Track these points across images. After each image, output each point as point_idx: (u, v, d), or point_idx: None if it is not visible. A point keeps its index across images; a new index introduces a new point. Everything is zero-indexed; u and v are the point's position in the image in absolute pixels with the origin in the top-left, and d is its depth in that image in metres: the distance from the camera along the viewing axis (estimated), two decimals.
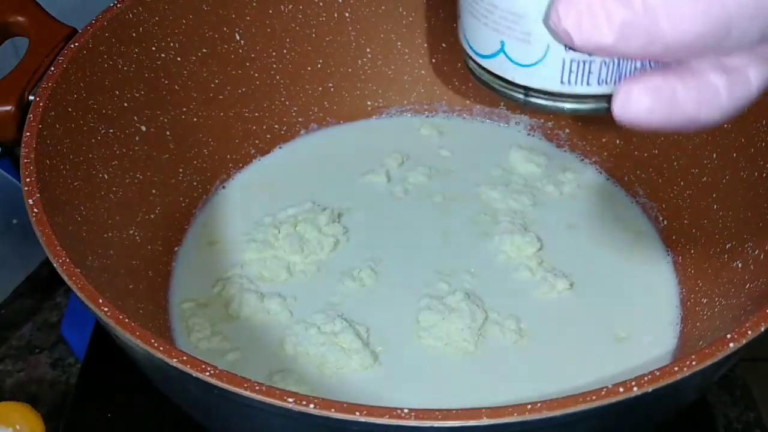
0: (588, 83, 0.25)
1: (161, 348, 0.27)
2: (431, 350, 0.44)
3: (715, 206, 0.45)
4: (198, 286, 0.48)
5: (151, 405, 0.45)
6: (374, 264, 0.48)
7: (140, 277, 0.45)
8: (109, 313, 0.29)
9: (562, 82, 0.25)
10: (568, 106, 0.25)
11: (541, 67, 0.25)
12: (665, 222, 0.49)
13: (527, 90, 0.25)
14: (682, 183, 0.48)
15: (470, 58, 0.27)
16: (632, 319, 0.45)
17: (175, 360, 0.27)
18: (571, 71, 0.24)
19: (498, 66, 0.25)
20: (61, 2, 0.49)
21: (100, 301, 0.29)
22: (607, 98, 0.25)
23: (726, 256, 0.43)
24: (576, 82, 0.25)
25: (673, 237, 0.49)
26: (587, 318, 0.45)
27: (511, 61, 0.25)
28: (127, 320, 0.28)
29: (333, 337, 0.44)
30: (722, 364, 0.28)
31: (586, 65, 0.24)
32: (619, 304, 0.46)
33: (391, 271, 0.48)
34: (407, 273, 0.48)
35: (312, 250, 0.49)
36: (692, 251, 0.47)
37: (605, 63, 0.24)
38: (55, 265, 0.31)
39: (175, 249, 0.49)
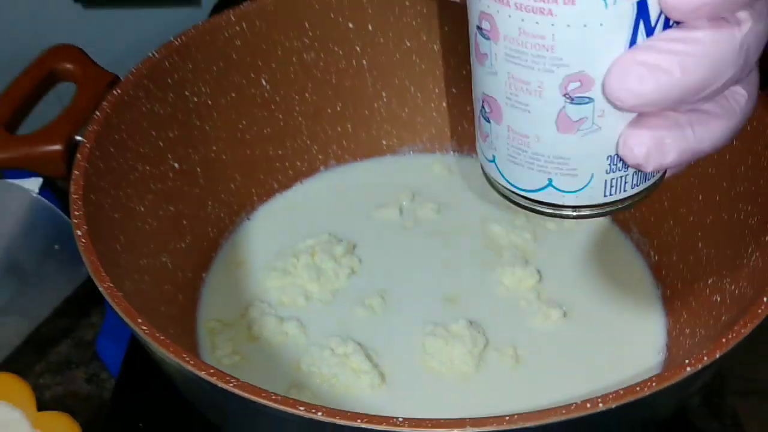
0: (624, 190, 0.30)
1: (191, 362, 0.31)
2: (435, 373, 0.47)
3: (699, 244, 0.48)
4: (223, 309, 0.51)
5: (180, 415, 0.48)
6: (384, 292, 0.51)
7: (171, 300, 0.48)
8: (147, 332, 0.33)
9: (605, 195, 0.30)
10: (610, 209, 0.30)
11: (587, 190, 0.29)
12: (656, 257, 0.52)
13: (575, 208, 0.30)
14: (671, 222, 0.51)
15: (511, 192, 0.31)
16: (621, 346, 0.48)
17: (203, 372, 0.31)
18: (612, 186, 0.30)
19: (546, 196, 0.30)
20: (105, 52, 0.53)
21: (139, 320, 0.33)
22: (637, 195, 0.30)
23: (708, 290, 0.46)
24: (616, 193, 0.30)
25: (663, 271, 0.51)
26: (579, 345, 0.48)
27: (559, 190, 0.30)
28: (162, 337, 0.32)
29: (345, 359, 0.47)
30: (684, 385, 0.32)
31: (623, 178, 0.29)
32: (609, 333, 0.49)
33: (399, 300, 0.51)
34: (415, 301, 0.51)
35: (328, 279, 0.52)
36: (679, 285, 0.49)
37: (637, 173, 0.29)
38: (100, 289, 0.35)
39: (203, 275, 0.52)
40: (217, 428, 0.46)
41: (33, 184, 0.66)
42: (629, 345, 0.48)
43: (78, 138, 0.46)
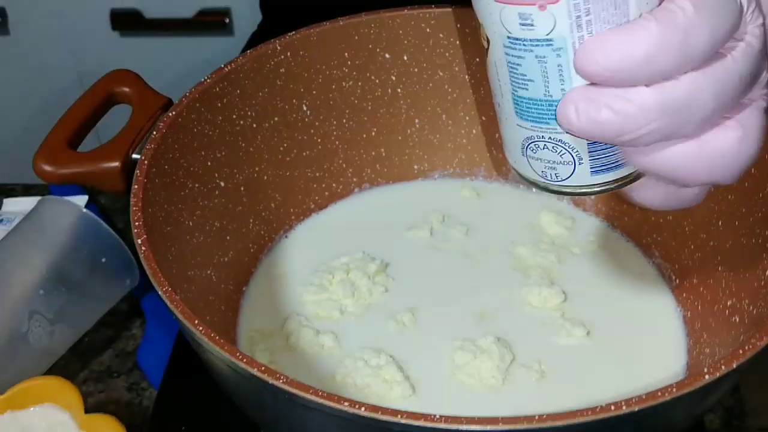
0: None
1: (244, 360, 0.34)
2: (463, 385, 0.49)
3: (719, 268, 0.50)
4: (262, 321, 0.53)
5: (219, 419, 0.51)
6: (415, 309, 0.53)
7: (215, 310, 0.51)
8: (203, 331, 0.36)
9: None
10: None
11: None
12: (677, 281, 0.54)
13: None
14: (692, 246, 0.53)
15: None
16: (642, 365, 0.50)
17: (255, 369, 0.34)
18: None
19: None
20: (159, 77, 0.56)
21: (196, 322, 0.36)
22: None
23: (727, 311, 0.48)
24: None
25: (684, 294, 0.53)
26: (601, 363, 0.50)
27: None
28: (218, 336, 0.35)
29: (378, 370, 0.49)
30: (703, 392, 0.34)
31: None
32: (631, 351, 0.50)
33: (430, 316, 0.53)
34: (444, 317, 0.53)
35: (361, 294, 0.54)
36: (699, 307, 0.51)
37: None
38: (159, 292, 0.38)
39: (243, 288, 0.55)
40: (255, 429, 0.49)
41: (80, 200, 0.69)
42: (650, 364, 0.50)
43: (134, 156, 0.49)
